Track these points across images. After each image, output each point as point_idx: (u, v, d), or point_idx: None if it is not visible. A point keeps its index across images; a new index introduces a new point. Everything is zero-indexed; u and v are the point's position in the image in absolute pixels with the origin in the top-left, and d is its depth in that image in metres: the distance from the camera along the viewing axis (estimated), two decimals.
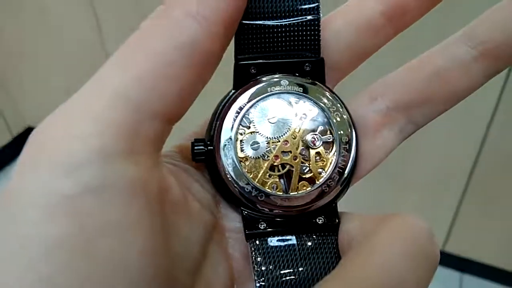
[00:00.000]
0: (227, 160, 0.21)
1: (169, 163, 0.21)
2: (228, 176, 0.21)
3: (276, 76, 0.22)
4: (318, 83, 0.22)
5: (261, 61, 0.21)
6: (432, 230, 0.17)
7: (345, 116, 0.22)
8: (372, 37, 0.21)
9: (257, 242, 0.20)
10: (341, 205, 0.21)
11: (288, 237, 0.21)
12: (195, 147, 0.21)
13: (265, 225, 0.21)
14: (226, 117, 0.21)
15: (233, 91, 0.22)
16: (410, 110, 0.21)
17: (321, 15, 0.21)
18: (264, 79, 0.21)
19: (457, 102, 0.21)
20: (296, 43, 0.21)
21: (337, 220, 0.21)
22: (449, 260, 1.08)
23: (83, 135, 0.16)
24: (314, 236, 0.21)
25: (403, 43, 0.35)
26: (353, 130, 0.22)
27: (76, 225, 0.15)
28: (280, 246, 0.20)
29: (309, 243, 0.21)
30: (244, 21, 0.20)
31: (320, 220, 0.21)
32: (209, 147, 0.21)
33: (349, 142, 0.21)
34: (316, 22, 0.21)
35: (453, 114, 0.86)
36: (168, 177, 0.19)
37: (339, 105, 0.22)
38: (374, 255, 0.16)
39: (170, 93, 0.17)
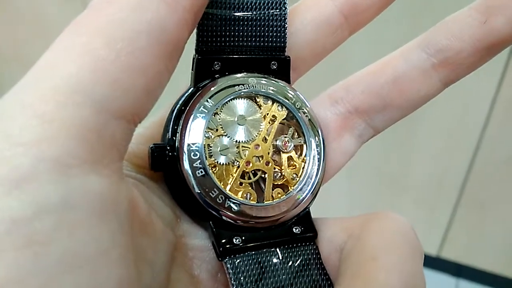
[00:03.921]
0: (194, 168, 0.18)
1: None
2: (195, 186, 0.18)
3: (243, 74, 0.20)
4: (285, 83, 0.21)
5: (225, 56, 0.19)
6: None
7: (312, 119, 0.20)
8: (331, 35, 0.21)
9: (234, 259, 0.18)
10: (334, 210, 0.21)
11: (267, 251, 0.19)
12: (156, 154, 0.18)
13: (240, 239, 0.18)
14: (191, 118, 0.18)
15: (192, 88, 0.19)
16: (369, 114, 0.21)
17: (288, 10, 0.20)
18: (229, 76, 0.19)
19: (415, 108, 0.21)
20: (263, 38, 0.20)
21: (314, 228, 0.20)
22: (444, 266, 1.08)
23: (28, 141, 0.12)
24: (294, 247, 0.19)
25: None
26: (321, 132, 0.21)
27: (32, 259, 0.12)
28: (259, 261, 0.18)
29: (290, 256, 0.19)
30: (208, 10, 0.18)
31: (297, 230, 0.19)
32: (171, 154, 0.18)
33: (319, 145, 0.20)
34: (283, 18, 0.20)
35: (448, 118, 0.86)
36: (134, 191, 0.16)
37: (306, 106, 0.21)
38: (378, 258, 0.15)
39: (135, 88, 0.14)
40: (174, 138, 0.19)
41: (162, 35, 0.14)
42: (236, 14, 0.19)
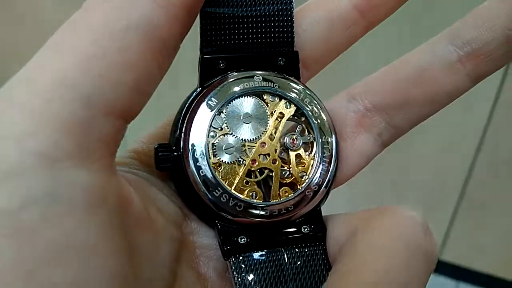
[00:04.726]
0: (198, 167, 0.18)
1: (126, 171, 0.18)
2: (199, 185, 0.18)
3: (248, 71, 0.19)
4: (293, 78, 0.20)
5: (230, 54, 0.19)
6: (425, 220, 0.16)
7: (323, 115, 0.20)
8: (345, 31, 0.20)
9: (238, 259, 0.18)
10: (333, 212, 0.20)
11: (272, 251, 0.18)
12: (160, 154, 0.18)
13: (245, 238, 0.18)
14: (195, 118, 0.18)
15: (199, 88, 0.19)
16: (389, 111, 0.20)
17: (294, 4, 0.20)
18: (234, 74, 0.19)
19: (442, 105, 0.20)
20: (268, 34, 0.19)
21: (323, 228, 0.19)
22: (445, 268, 1.08)
23: (17, 135, 0.13)
24: (301, 248, 0.19)
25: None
26: (333, 129, 0.20)
27: (19, 248, 0.12)
28: (265, 261, 0.18)
29: (297, 256, 0.18)
30: (211, 9, 0.18)
31: (306, 229, 0.19)
32: (175, 153, 0.18)
33: (330, 143, 0.20)
34: (289, 12, 0.19)
35: (448, 122, 0.86)
36: (127, 187, 0.16)
37: (316, 103, 0.20)
38: (368, 262, 0.15)
39: (124, 84, 0.14)
40: (177, 134, 0.19)
41: (150, 32, 0.14)
42: (239, 11, 0.19)
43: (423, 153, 0.92)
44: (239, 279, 0.17)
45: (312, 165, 0.20)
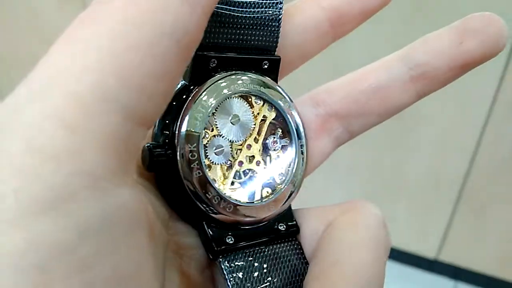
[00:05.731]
0: (192, 169, 0.17)
1: None
2: (192, 186, 0.18)
3: (238, 73, 0.20)
4: (274, 82, 0.21)
5: (222, 54, 0.19)
6: (383, 214, 0.18)
7: (298, 119, 0.21)
8: (317, 40, 0.22)
9: (227, 258, 0.18)
10: None
11: (256, 249, 0.19)
12: (155, 153, 0.17)
13: (232, 238, 0.18)
14: (187, 118, 0.18)
15: (185, 83, 0.19)
16: (348, 119, 0.22)
17: (282, 10, 0.20)
18: (225, 74, 0.19)
19: (391, 116, 0.22)
20: (259, 38, 0.20)
21: (296, 224, 0.20)
22: (443, 268, 1.08)
23: (59, 154, 0.11)
24: (279, 244, 0.20)
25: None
26: (305, 133, 0.21)
27: (81, 286, 0.11)
28: (251, 260, 0.18)
29: (277, 252, 0.19)
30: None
31: (282, 227, 0.20)
32: (168, 152, 0.18)
33: (302, 146, 0.21)
34: (279, 18, 0.20)
35: (447, 120, 0.85)
36: (144, 197, 0.16)
37: (293, 107, 0.21)
38: (347, 255, 0.17)
39: (158, 94, 0.13)
40: (167, 132, 0.18)
41: (184, 38, 0.13)
42: (235, 11, 0.19)
43: (422, 152, 0.93)
44: (231, 279, 0.18)
45: (288, 167, 0.21)
